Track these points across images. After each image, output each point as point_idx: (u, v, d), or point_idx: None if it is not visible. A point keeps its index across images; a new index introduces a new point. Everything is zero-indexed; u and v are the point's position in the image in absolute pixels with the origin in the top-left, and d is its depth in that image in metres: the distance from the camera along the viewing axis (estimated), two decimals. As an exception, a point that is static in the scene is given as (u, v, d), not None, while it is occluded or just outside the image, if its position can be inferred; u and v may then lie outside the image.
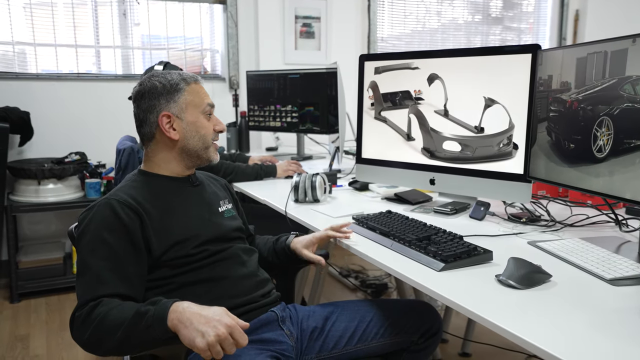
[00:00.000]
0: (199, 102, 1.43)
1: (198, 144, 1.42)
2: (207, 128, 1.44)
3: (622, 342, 0.90)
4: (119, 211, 1.27)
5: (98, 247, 1.23)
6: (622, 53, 1.27)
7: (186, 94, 1.41)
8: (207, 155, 1.45)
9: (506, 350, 2.21)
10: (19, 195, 3.12)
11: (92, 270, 1.21)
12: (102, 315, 1.13)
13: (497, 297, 1.11)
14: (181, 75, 1.42)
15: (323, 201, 2.00)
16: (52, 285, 3.15)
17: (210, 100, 1.46)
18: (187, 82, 1.42)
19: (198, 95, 1.43)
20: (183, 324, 1.07)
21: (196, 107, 1.42)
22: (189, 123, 1.41)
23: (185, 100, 1.41)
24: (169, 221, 1.33)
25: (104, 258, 1.22)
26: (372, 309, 1.53)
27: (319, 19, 3.99)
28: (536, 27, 4.87)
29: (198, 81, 1.46)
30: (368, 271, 3.41)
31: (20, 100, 3.25)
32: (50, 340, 2.64)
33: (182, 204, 1.40)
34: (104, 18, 3.52)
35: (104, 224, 1.26)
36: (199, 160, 1.45)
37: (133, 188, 1.36)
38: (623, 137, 1.27)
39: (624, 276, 1.16)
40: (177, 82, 1.41)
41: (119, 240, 1.25)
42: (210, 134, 1.45)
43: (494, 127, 1.72)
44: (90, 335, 1.13)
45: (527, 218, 1.67)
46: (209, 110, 1.45)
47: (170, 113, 1.39)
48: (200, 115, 1.43)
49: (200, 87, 1.46)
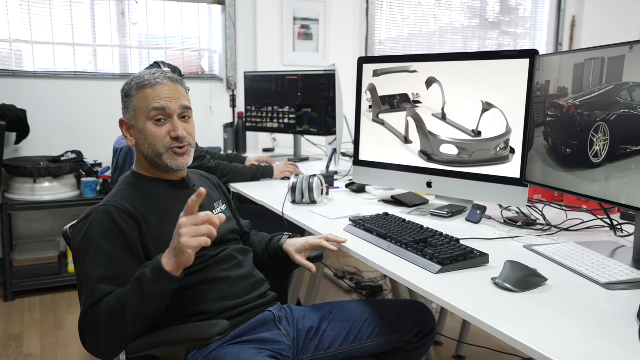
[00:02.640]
0: (144, 108, 1.35)
1: (149, 152, 1.37)
2: (154, 135, 1.35)
3: (617, 345, 0.91)
4: (117, 219, 1.27)
5: (96, 256, 1.23)
6: (620, 60, 1.28)
7: (136, 100, 1.36)
8: (163, 162, 1.37)
9: (500, 353, 2.23)
10: (14, 193, 3.11)
11: (92, 279, 1.21)
12: (105, 308, 1.15)
13: (493, 300, 1.11)
14: (141, 79, 1.36)
15: (320, 203, 2.00)
16: (47, 283, 3.14)
17: (159, 104, 1.34)
18: (141, 87, 1.36)
19: (145, 100, 1.35)
20: (171, 255, 1.14)
21: (142, 113, 1.36)
22: (139, 130, 1.37)
23: (134, 106, 1.37)
24: (166, 228, 1.31)
25: (102, 266, 1.22)
26: (367, 309, 1.54)
27: (318, 20, 4.00)
28: (533, 32, 4.90)
29: (156, 83, 1.35)
30: (363, 273, 3.42)
31: (16, 98, 3.24)
32: (45, 339, 2.63)
33: (177, 209, 1.37)
34: (102, 17, 3.52)
35: (102, 233, 1.25)
36: (159, 167, 1.39)
37: (129, 193, 1.36)
38: (619, 142, 1.29)
39: (619, 280, 1.18)
40: (130, 88, 1.37)
41: (117, 249, 1.25)
42: (161, 141, 1.35)
43: (491, 131, 1.73)
44: (105, 332, 1.16)
45: (523, 222, 1.68)
46: (157, 115, 1.34)
47: (125, 120, 1.39)
48: (147, 121, 1.35)
49: (155, 89, 1.35)
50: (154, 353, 1.23)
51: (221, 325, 1.19)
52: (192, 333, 1.21)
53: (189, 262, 1.15)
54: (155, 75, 1.37)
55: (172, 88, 1.38)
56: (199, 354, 1.30)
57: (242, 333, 1.35)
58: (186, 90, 1.44)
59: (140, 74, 1.40)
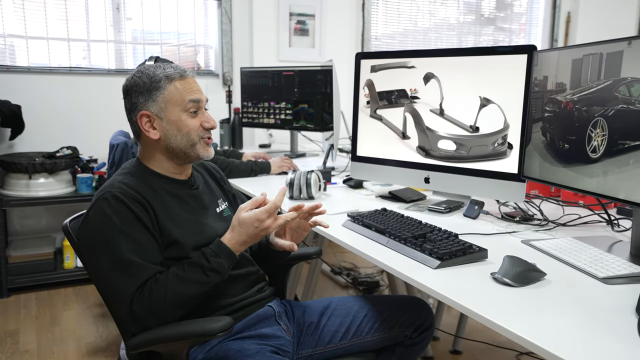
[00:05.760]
0: (179, 100, 1.35)
1: (182, 142, 1.36)
2: (190, 126, 1.36)
3: (614, 339, 0.92)
4: (128, 203, 1.26)
5: (121, 241, 1.23)
6: (618, 55, 1.28)
7: (166, 92, 1.34)
8: (195, 152, 1.39)
9: (497, 347, 2.24)
10: (9, 189, 3.09)
11: (125, 261, 1.22)
12: (168, 288, 1.21)
13: (492, 294, 1.12)
14: (165, 71, 1.36)
15: (318, 198, 2.00)
16: (42, 280, 3.13)
17: (195, 96, 1.37)
18: (170, 79, 1.35)
19: (179, 93, 1.35)
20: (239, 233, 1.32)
21: (176, 105, 1.35)
22: (170, 122, 1.35)
23: (165, 98, 1.35)
24: (169, 222, 1.32)
25: (130, 249, 1.23)
26: (366, 305, 1.54)
27: (314, 16, 3.99)
28: (528, 28, 4.91)
29: (184, 76, 1.38)
30: (360, 268, 3.43)
31: (11, 93, 3.22)
32: (41, 336, 2.62)
33: (180, 208, 1.38)
34: (97, 12, 3.49)
35: (119, 218, 1.25)
36: (188, 158, 1.39)
37: (134, 183, 1.33)
38: (617, 138, 1.29)
39: (617, 275, 1.18)
40: (158, 80, 1.35)
41: (137, 230, 1.26)
42: (196, 132, 1.37)
43: (489, 126, 1.73)
44: (168, 310, 1.21)
45: (521, 217, 1.68)
46: (192, 107, 1.37)
47: (150, 112, 1.35)
48: (181, 113, 1.35)
49: (186, 82, 1.38)
50: (156, 349, 1.23)
51: (225, 321, 1.19)
52: (196, 328, 1.20)
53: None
54: (180, 68, 1.39)
55: (196, 82, 1.42)
56: (199, 349, 1.31)
57: (243, 328, 1.35)
58: None
59: (155, 66, 1.38)
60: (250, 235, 1.30)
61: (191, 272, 1.25)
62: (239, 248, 1.31)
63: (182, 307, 1.23)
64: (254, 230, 1.30)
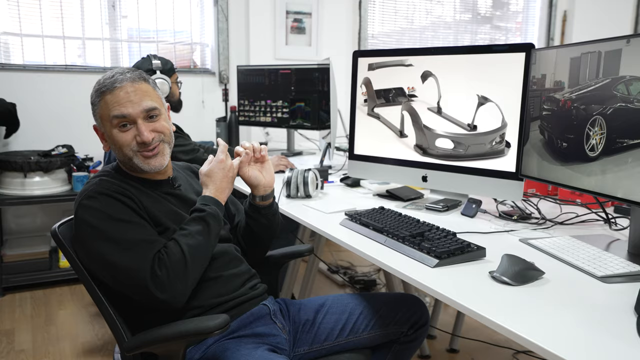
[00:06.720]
0: (106, 116, 1.31)
1: (120, 157, 1.35)
2: (120, 142, 1.31)
3: (613, 337, 0.92)
4: (112, 194, 1.27)
5: (119, 226, 1.24)
6: (616, 53, 1.28)
7: (99, 108, 1.32)
8: (136, 165, 1.34)
9: (494, 346, 2.24)
10: (4, 187, 3.07)
11: (131, 241, 1.23)
12: (182, 246, 1.24)
13: (491, 293, 1.12)
14: (100, 83, 1.32)
15: (315, 197, 2.00)
16: (38, 279, 3.11)
17: (118, 112, 1.29)
18: (100, 93, 1.31)
19: (107, 108, 1.30)
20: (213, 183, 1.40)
21: (106, 121, 1.32)
22: (108, 136, 1.34)
23: (98, 114, 1.33)
24: (156, 211, 1.33)
25: (130, 230, 1.24)
26: (362, 302, 1.54)
27: (310, 14, 3.98)
28: (524, 27, 4.91)
29: (113, 88, 1.29)
30: (356, 267, 3.42)
31: (6, 91, 3.19)
32: (36, 335, 2.61)
33: (165, 202, 1.38)
34: (92, 9, 3.47)
35: (111, 210, 1.25)
36: (138, 169, 1.35)
37: (113, 180, 1.33)
38: (616, 136, 1.29)
39: (615, 273, 1.18)
40: (93, 94, 1.33)
41: (133, 215, 1.27)
42: (128, 147, 1.31)
43: (487, 125, 1.73)
44: (189, 267, 1.23)
45: (518, 216, 1.68)
46: (119, 122, 1.30)
47: (97, 126, 1.37)
48: (112, 129, 1.31)
49: (114, 95, 1.29)
50: (152, 350, 1.22)
51: (221, 319, 1.18)
52: (192, 327, 1.19)
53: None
54: (114, 77, 1.31)
55: (133, 90, 1.31)
56: (195, 349, 1.30)
57: (238, 328, 1.34)
58: (153, 86, 1.38)
59: (102, 77, 1.34)
60: (222, 178, 1.40)
61: (193, 226, 1.30)
62: (220, 196, 1.39)
63: (200, 262, 1.28)
64: (222, 172, 1.40)
